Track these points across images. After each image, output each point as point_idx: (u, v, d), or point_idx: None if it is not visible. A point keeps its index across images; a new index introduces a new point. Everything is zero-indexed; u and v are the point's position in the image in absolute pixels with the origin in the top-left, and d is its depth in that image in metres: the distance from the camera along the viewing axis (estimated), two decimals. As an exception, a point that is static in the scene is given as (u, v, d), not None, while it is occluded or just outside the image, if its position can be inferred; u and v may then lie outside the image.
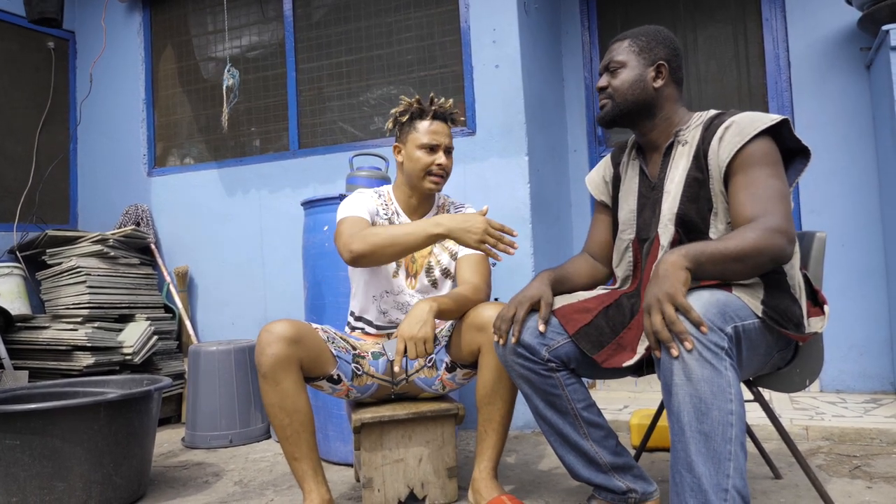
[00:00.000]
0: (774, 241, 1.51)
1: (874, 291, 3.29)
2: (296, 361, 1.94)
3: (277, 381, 1.91)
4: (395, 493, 2.11)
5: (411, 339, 1.92)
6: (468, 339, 2.02)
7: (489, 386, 2.00)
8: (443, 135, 2.18)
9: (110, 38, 4.10)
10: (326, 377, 2.06)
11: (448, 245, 2.26)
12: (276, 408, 1.93)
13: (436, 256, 2.24)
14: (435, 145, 2.16)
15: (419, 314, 1.95)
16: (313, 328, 2.06)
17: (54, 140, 4.09)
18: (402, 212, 2.26)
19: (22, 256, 3.66)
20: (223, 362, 3.09)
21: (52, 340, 3.17)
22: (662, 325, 1.40)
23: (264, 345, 1.91)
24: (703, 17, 3.73)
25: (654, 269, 1.49)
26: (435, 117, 2.18)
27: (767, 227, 1.52)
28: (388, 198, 2.28)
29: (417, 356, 1.92)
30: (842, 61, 3.38)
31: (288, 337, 1.91)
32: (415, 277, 2.22)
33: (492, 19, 3.20)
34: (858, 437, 2.63)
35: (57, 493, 2.13)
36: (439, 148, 2.17)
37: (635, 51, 1.80)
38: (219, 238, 3.76)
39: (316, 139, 3.65)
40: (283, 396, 1.92)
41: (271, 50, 3.78)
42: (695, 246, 1.51)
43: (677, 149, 1.79)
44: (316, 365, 2.02)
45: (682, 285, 1.43)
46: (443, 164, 2.16)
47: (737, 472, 1.36)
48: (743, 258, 1.49)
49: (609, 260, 2.03)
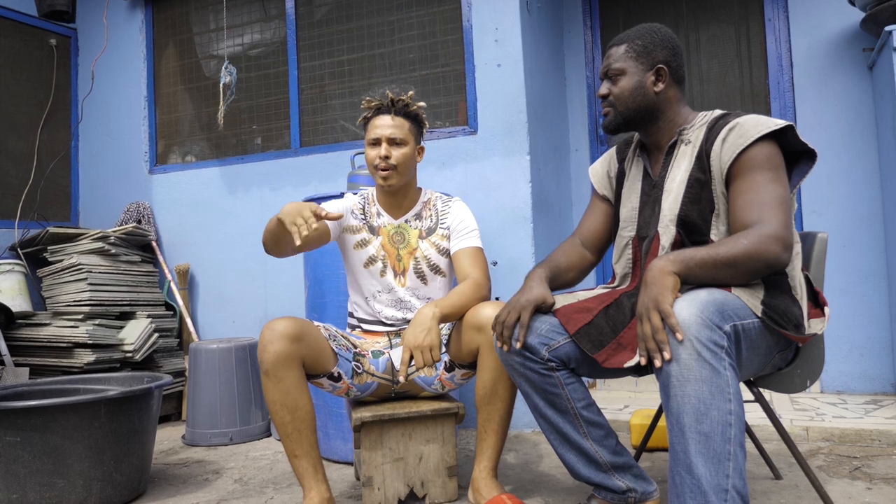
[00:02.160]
0: (768, 248, 1.51)
1: (875, 292, 3.28)
2: (298, 359, 1.94)
3: (279, 378, 1.91)
4: (395, 492, 2.11)
5: (417, 347, 1.90)
6: (467, 339, 2.02)
7: (488, 386, 2.00)
8: (384, 126, 2.15)
9: (112, 36, 4.10)
10: (327, 375, 2.06)
11: (435, 241, 2.25)
12: (278, 405, 1.93)
13: (422, 252, 2.23)
14: (376, 139, 2.15)
15: (423, 321, 1.94)
16: (315, 325, 2.06)
17: (56, 137, 4.09)
18: (385, 212, 2.27)
19: (23, 253, 3.66)
20: (224, 360, 3.09)
21: (53, 337, 3.17)
22: (649, 335, 1.42)
23: (267, 342, 1.91)
24: (705, 17, 3.73)
25: (644, 275, 1.50)
26: (378, 111, 2.18)
27: (762, 233, 1.52)
28: (371, 199, 2.30)
29: (424, 365, 1.91)
30: (844, 62, 3.38)
31: (290, 334, 1.91)
32: (403, 275, 2.22)
33: (494, 18, 3.19)
34: (859, 438, 2.63)
35: (57, 489, 2.14)
36: (381, 141, 2.14)
37: (633, 56, 1.78)
38: (220, 236, 3.76)
39: (317, 137, 3.65)
40: (285, 393, 1.92)
41: (273, 48, 3.78)
42: (684, 251, 1.53)
43: (680, 148, 1.79)
44: (317, 362, 2.02)
45: (669, 291, 1.44)
46: (382, 155, 2.13)
47: (736, 472, 1.36)
48: (733, 264, 1.50)
49: (598, 249, 2.03)
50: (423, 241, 2.24)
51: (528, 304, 1.75)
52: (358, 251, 2.23)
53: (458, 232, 2.23)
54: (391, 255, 2.23)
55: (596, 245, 2.04)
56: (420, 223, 2.27)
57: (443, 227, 2.26)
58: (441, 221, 2.27)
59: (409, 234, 2.25)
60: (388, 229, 2.25)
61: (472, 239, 2.22)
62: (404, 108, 2.19)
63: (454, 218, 2.26)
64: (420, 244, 2.24)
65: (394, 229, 2.25)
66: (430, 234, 2.26)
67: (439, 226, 2.26)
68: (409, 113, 2.20)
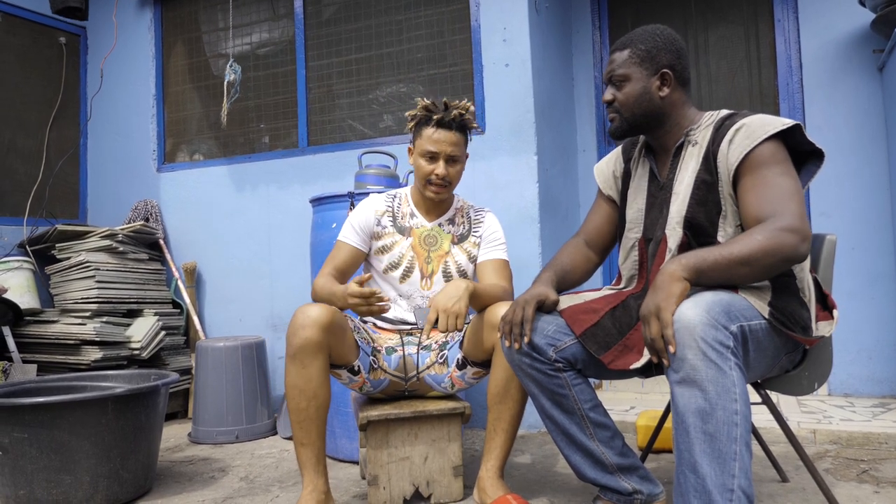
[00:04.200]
0: (784, 241, 1.48)
1: (884, 295, 3.26)
2: (326, 347, 1.95)
3: (305, 364, 1.92)
4: (400, 491, 2.11)
5: (444, 311, 1.88)
6: (485, 336, 2.02)
7: (501, 385, 2.00)
8: (445, 143, 2.13)
9: (121, 34, 4.11)
10: (348, 367, 2.07)
11: (467, 248, 2.27)
12: (298, 390, 1.94)
13: (453, 257, 2.25)
14: (434, 154, 2.14)
15: (455, 290, 1.93)
16: (346, 317, 2.07)
17: (65, 135, 4.11)
18: (419, 213, 2.28)
19: (32, 251, 3.68)
20: (230, 358, 3.10)
21: (60, 334, 3.18)
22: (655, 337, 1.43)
23: (298, 326, 1.91)
24: (714, 18, 3.71)
25: (655, 277, 1.49)
26: (439, 125, 2.13)
27: (777, 226, 1.49)
28: (405, 199, 2.30)
29: (448, 330, 1.89)
30: (854, 63, 3.36)
31: (323, 322, 1.91)
32: (430, 278, 2.23)
33: (502, 18, 3.19)
34: (866, 441, 2.62)
35: (64, 486, 2.14)
36: (439, 157, 2.14)
37: (637, 62, 1.76)
38: (227, 234, 3.77)
39: (325, 136, 3.65)
40: (308, 380, 1.93)
41: (281, 47, 3.79)
42: (695, 254, 1.50)
43: (687, 149, 1.78)
44: (342, 354, 2.03)
45: (674, 298, 1.43)
46: (440, 174, 2.14)
47: (742, 473, 1.35)
48: (749, 261, 1.47)
49: (602, 249, 2.03)
50: (454, 246, 2.26)
51: (530, 299, 1.76)
52: (380, 256, 2.24)
53: (489, 242, 2.27)
54: (420, 257, 2.23)
55: (600, 245, 2.03)
56: (453, 228, 2.28)
57: (475, 236, 2.29)
58: (474, 230, 2.30)
59: (442, 238, 2.26)
60: (420, 231, 2.26)
61: (501, 251, 2.27)
62: (462, 121, 2.16)
63: (487, 228, 2.29)
64: (452, 249, 2.25)
65: (426, 232, 2.26)
66: (463, 240, 2.28)
67: (472, 233, 2.29)
68: (466, 125, 2.18)
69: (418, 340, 2.21)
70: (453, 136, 2.14)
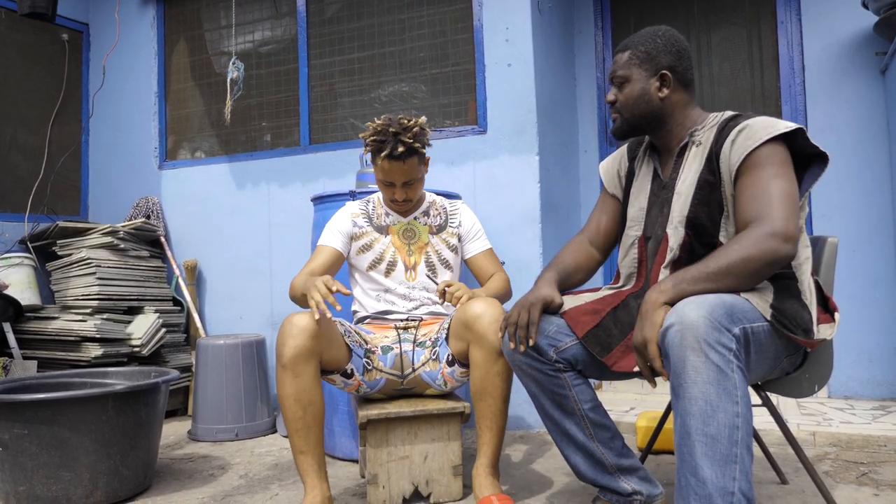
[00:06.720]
0: (764, 247, 1.49)
1: (885, 298, 3.26)
2: (317, 354, 1.96)
3: (297, 373, 1.92)
4: (399, 490, 2.11)
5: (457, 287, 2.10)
6: (459, 334, 2.06)
7: (478, 382, 2.01)
8: (398, 174, 2.18)
9: (124, 31, 4.11)
10: (341, 372, 2.09)
11: (445, 237, 2.34)
12: (292, 399, 1.94)
13: (433, 247, 2.33)
14: (390, 182, 2.21)
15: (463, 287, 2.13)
16: (334, 321, 2.08)
17: (66, 132, 4.11)
18: (393, 212, 2.36)
19: (33, 247, 3.68)
20: (230, 356, 3.10)
21: (61, 331, 3.19)
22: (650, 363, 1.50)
23: (287, 336, 1.92)
24: (717, 19, 3.71)
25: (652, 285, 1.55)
26: (390, 157, 2.13)
27: (757, 233, 1.51)
28: (378, 202, 2.39)
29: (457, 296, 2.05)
30: (857, 65, 3.36)
31: (311, 330, 1.92)
32: (413, 270, 2.30)
33: (505, 18, 3.19)
34: (866, 443, 2.62)
35: (64, 482, 2.15)
36: (395, 184, 2.21)
37: (636, 63, 1.78)
38: (228, 232, 3.77)
39: (327, 135, 3.65)
40: (300, 389, 1.93)
41: (284, 45, 3.79)
42: (674, 276, 1.54)
43: (691, 149, 1.78)
44: (333, 359, 2.05)
45: (658, 328, 1.47)
46: (399, 199, 2.24)
47: (743, 475, 1.35)
48: (731, 271, 1.49)
49: (605, 247, 2.04)
50: (433, 236, 2.34)
51: (536, 302, 1.75)
52: (362, 255, 2.31)
53: (472, 236, 2.39)
54: (401, 251, 2.30)
55: (603, 243, 2.03)
56: (429, 220, 2.37)
57: (452, 226, 2.38)
58: (451, 221, 2.39)
59: (420, 230, 2.34)
60: (397, 227, 2.33)
61: (485, 240, 2.42)
62: (412, 150, 2.15)
63: (466, 220, 2.40)
64: (431, 239, 2.33)
65: (404, 227, 2.34)
66: (441, 230, 2.36)
67: (449, 224, 2.38)
68: (417, 150, 2.18)
69: (413, 337, 2.22)
70: (404, 165, 2.17)
